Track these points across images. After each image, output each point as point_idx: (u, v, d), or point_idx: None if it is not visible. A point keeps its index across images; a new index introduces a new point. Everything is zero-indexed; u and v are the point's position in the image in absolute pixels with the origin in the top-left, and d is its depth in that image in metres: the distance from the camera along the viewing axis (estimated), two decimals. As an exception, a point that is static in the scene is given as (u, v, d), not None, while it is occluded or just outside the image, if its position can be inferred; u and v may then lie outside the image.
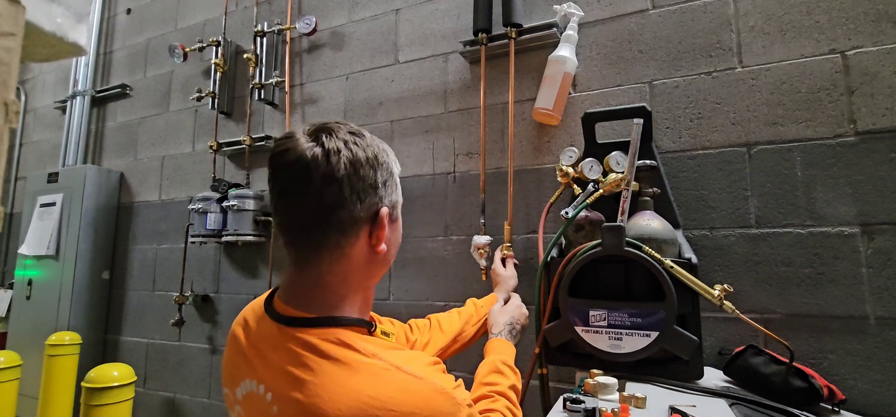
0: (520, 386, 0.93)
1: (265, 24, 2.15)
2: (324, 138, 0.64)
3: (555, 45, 1.52)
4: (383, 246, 0.69)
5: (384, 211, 0.68)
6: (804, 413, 0.91)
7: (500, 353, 0.99)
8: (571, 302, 1.05)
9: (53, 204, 2.50)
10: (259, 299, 0.74)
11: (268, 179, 0.68)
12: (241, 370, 0.68)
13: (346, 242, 0.66)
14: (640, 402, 0.82)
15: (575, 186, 1.28)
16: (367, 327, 0.68)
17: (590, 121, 1.34)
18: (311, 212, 0.64)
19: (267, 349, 0.65)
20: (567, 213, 1.17)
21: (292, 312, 0.65)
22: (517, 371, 0.96)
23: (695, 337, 0.98)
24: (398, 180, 0.75)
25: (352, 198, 0.64)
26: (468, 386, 0.76)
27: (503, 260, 1.43)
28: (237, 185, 2.08)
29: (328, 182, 0.63)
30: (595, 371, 0.94)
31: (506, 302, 1.22)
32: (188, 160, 2.36)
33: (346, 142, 0.65)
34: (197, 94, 2.23)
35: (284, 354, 0.62)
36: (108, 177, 2.55)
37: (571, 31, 1.48)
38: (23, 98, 3.18)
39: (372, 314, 0.77)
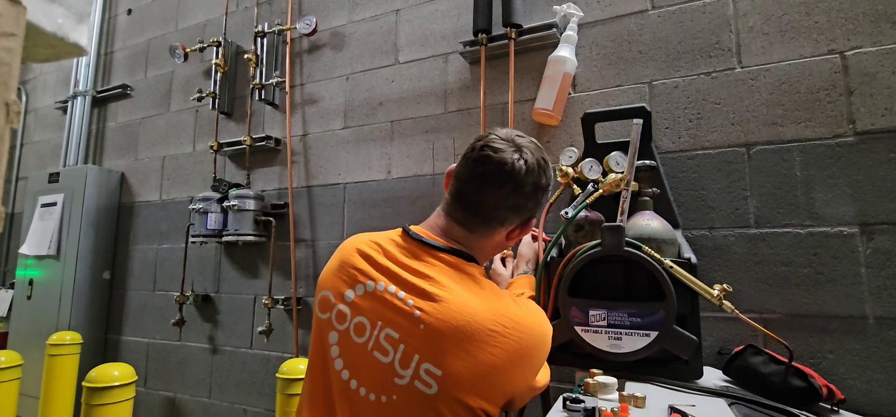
0: None
1: (265, 24, 2.15)
2: (525, 154, 0.84)
3: (555, 46, 1.52)
4: (512, 243, 0.90)
5: (532, 220, 0.89)
6: (803, 412, 0.91)
7: (526, 286, 1.16)
8: (571, 302, 1.05)
9: (54, 204, 2.51)
10: (382, 234, 0.89)
11: (467, 155, 0.87)
12: (357, 275, 0.82)
13: (499, 230, 0.86)
14: (640, 402, 0.82)
15: (575, 186, 1.28)
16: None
17: (589, 121, 1.34)
18: (489, 205, 0.83)
19: (405, 261, 0.81)
20: (567, 213, 1.18)
21: (442, 241, 0.84)
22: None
23: (694, 337, 0.98)
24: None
25: (517, 212, 0.85)
26: None
27: (503, 260, 1.42)
28: (238, 185, 2.08)
29: (514, 192, 0.82)
30: (595, 370, 0.94)
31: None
32: (189, 160, 2.36)
33: (538, 163, 0.84)
34: (197, 95, 2.24)
35: (431, 267, 0.80)
36: (108, 177, 2.55)
37: (571, 32, 1.48)
38: (24, 98, 3.18)
39: None
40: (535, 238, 1.39)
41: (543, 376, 0.87)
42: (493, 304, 0.76)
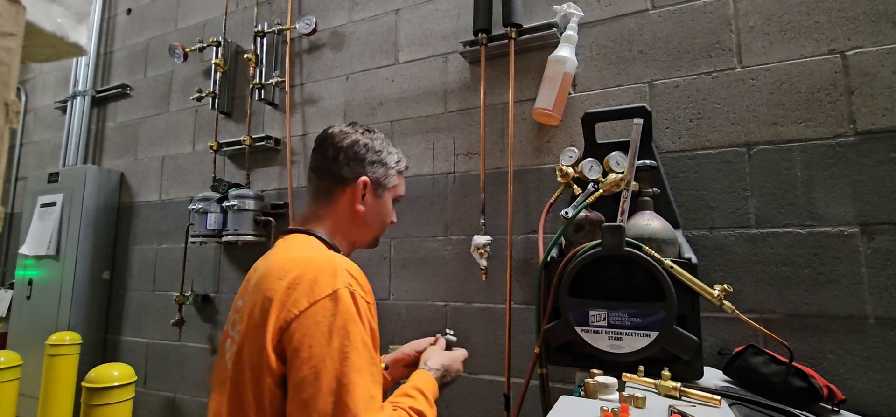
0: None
1: (265, 24, 2.15)
2: (345, 126, 0.99)
3: (555, 46, 1.52)
4: (360, 207, 0.95)
5: (364, 179, 0.95)
6: (804, 412, 0.91)
7: (420, 382, 0.89)
8: (571, 302, 1.05)
9: (54, 204, 2.50)
10: None
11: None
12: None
13: (335, 190, 0.95)
14: (640, 402, 0.82)
15: (575, 186, 1.28)
16: (330, 246, 0.93)
17: (590, 121, 1.34)
18: (318, 165, 0.97)
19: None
20: (567, 213, 1.17)
21: (295, 226, 0.96)
22: (434, 406, 0.86)
23: (695, 337, 0.98)
24: (393, 171, 1.00)
25: (343, 162, 0.95)
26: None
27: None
28: (237, 185, 2.08)
29: (333, 148, 0.95)
30: (595, 370, 0.94)
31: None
32: (188, 160, 2.36)
33: (355, 130, 0.98)
34: (197, 94, 2.23)
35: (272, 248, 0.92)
36: (108, 177, 2.55)
37: (571, 32, 1.48)
38: (23, 98, 3.18)
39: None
40: (449, 346, 1.07)
41: (357, 382, 0.71)
42: (292, 255, 0.84)
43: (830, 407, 0.98)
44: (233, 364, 0.78)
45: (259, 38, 2.15)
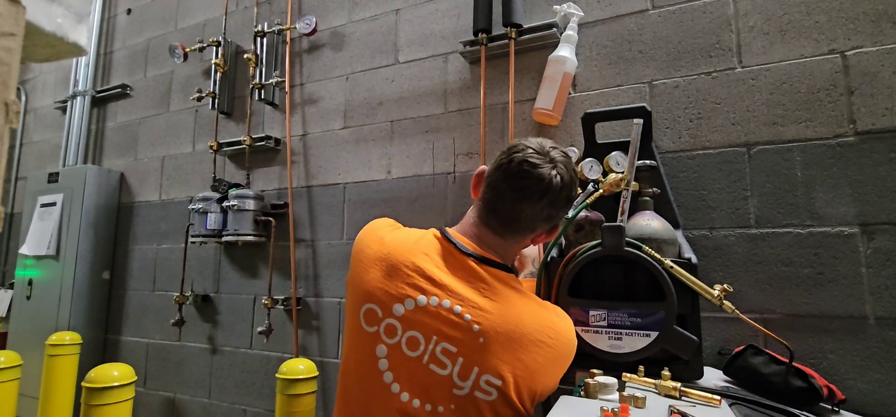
0: None
1: (265, 24, 2.15)
2: (560, 168, 0.85)
3: (555, 46, 1.52)
4: (534, 244, 0.94)
5: (557, 227, 0.93)
6: (804, 412, 0.91)
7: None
8: (571, 302, 1.05)
9: (54, 204, 2.50)
10: (422, 239, 0.90)
11: (502, 166, 0.87)
12: (408, 289, 0.83)
13: (524, 238, 0.91)
14: (640, 402, 0.81)
15: (575, 186, 1.28)
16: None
17: (590, 121, 1.34)
18: (525, 217, 0.87)
19: (459, 275, 0.84)
20: (567, 213, 1.17)
21: (487, 255, 0.87)
22: None
23: (695, 337, 0.98)
24: None
25: (549, 221, 0.89)
26: None
27: None
28: (237, 185, 2.08)
29: (549, 205, 0.86)
30: (595, 370, 0.94)
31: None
32: (188, 160, 2.36)
33: (572, 180, 0.88)
34: (197, 94, 2.23)
35: (482, 282, 0.83)
36: (108, 177, 2.55)
37: (571, 32, 1.48)
38: (23, 98, 3.18)
39: None
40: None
41: None
42: (538, 314, 0.83)
43: (830, 407, 0.98)
44: (468, 413, 0.79)
45: (259, 38, 2.15)
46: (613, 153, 1.23)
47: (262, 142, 2.08)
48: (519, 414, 0.81)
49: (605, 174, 1.24)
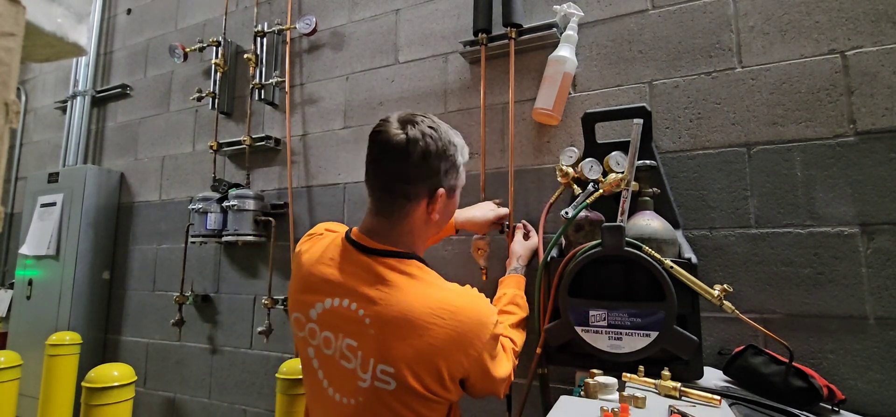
0: (526, 311, 1.21)
1: (265, 24, 2.15)
2: (408, 128, 0.87)
3: (555, 46, 1.52)
4: (436, 216, 0.93)
5: (441, 191, 0.91)
6: (804, 412, 0.91)
7: (515, 286, 1.24)
8: (571, 302, 1.05)
9: (54, 204, 2.50)
10: (331, 242, 0.96)
11: (367, 150, 0.91)
12: (316, 296, 0.90)
13: (409, 206, 0.90)
14: (640, 402, 0.82)
15: (575, 186, 1.28)
16: (424, 263, 0.93)
17: (590, 121, 1.34)
18: (390, 180, 0.89)
19: (353, 273, 0.88)
20: (567, 213, 1.17)
21: (377, 245, 0.90)
22: (525, 299, 1.23)
23: (695, 337, 0.98)
24: (461, 168, 0.97)
25: (418, 178, 0.89)
26: None
27: (526, 235, 1.43)
28: (237, 185, 2.08)
29: (404, 161, 0.87)
30: (595, 370, 0.94)
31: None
32: (188, 160, 2.36)
33: (423, 135, 0.87)
34: (197, 94, 2.23)
35: (372, 274, 0.86)
36: (108, 177, 2.55)
37: (571, 32, 1.48)
38: (23, 98, 3.18)
39: None
40: (527, 236, 1.40)
41: (501, 367, 0.94)
42: (429, 296, 0.84)
43: (830, 407, 0.98)
44: (372, 404, 0.83)
45: (259, 38, 2.15)
46: (613, 153, 1.23)
47: (262, 142, 2.08)
48: (430, 399, 0.83)
49: (605, 174, 1.24)
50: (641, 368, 0.94)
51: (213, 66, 2.21)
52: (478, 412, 1.56)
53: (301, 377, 1.62)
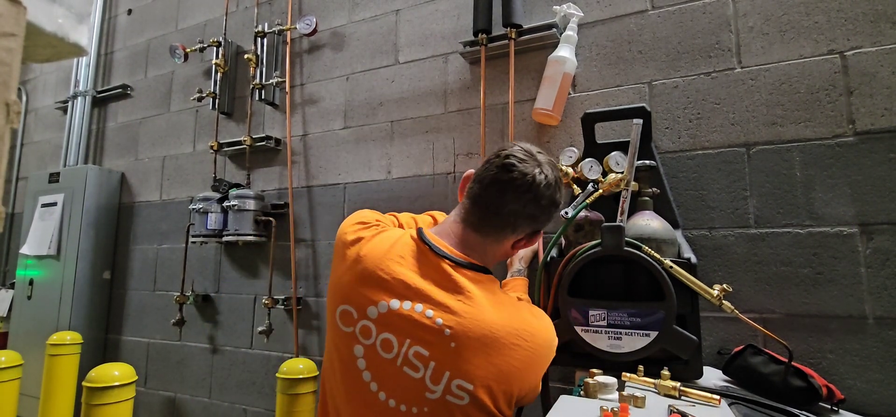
0: None
1: (266, 24, 2.15)
2: (546, 171, 0.88)
3: (554, 46, 1.52)
4: (520, 250, 0.97)
5: (541, 233, 0.95)
6: (803, 412, 0.92)
7: (521, 288, 1.22)
8: (571, 302, 1.06)
9: (54, 204, 2.51)
10: (399, 241, 0.90)
11: (491, 161, 0.90)
12: (382, 294, 0.84)
13: (511, 236, 0.91)
14: (640, 402, 0.82)
15: (575, 186, 1.28)
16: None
17: (589, 121, 1.34)
18: (511, 211, 0.88)
19: (431, 277, 0.84)
20: (567, 213, 1.18)
21: (458, 255, 0.87)
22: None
23: (694, 337, 0.98)
24: None
25: (531, 222, 0.90)
26: None
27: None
28: (238, 185, 2.08)
29: (532, 204, 0.87)
30: (595, 370, 0.94)
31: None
32: (189, 160, 2.36)
33: (556, 181, 0.89)
34: (198, 95, 2.24)
35: (452, 283, 0.84)
36: (109, 177, 2.55)
37: (571, 32, 1.48)
38: (24, 98, 3.18)
39: None
40: None
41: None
42: (511, 316, 0.83)
43: (830, 407, 0.98)
44: (445, 411, 0.80)
45: (259, 39, 2.15)
46: (613, 153, 1.23)
47: (263, 143, 2.08)
48: (493, 411, 0.81)
49: (604, 174, 1.24)
50: (641, 368, 0.95)
51: (214, 66, 2.22)
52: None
53: (301, 377, 1.63)
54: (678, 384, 0.87)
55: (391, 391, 0.82)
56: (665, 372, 0.89)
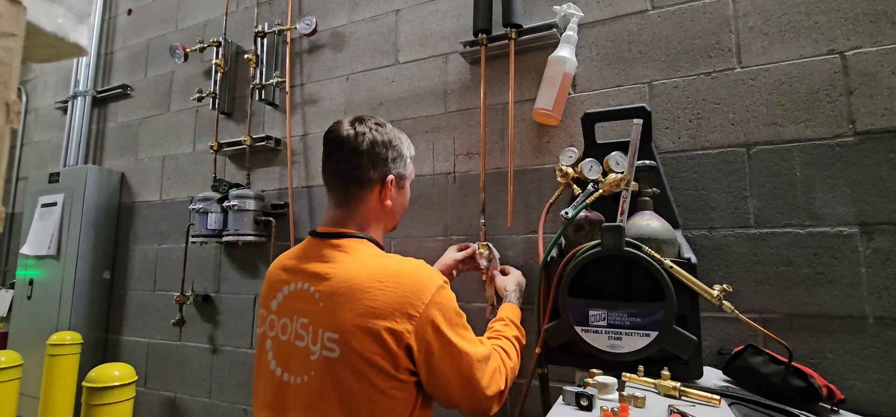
0: (522, 339, 1.19)
1: (266, 24, 2.15)
2: (356, 124, 1.00)
3: (555, 46, 1.52)
4: (389, 202, 1.02)
5: (390, 178, 1.01)
6: (803, 412, 0.92)
7: (509, 313, 1.24)
8: (571, 302, 1.06)
9: (54, 204, 2.51)
10: (302, 244, 1.04)
11: (322, 150, 1.02)
12: (278, 286, 0.98)
13: (363, 193, 1.00)
14: (640, 402, 0.82)
15: (575, 186, 1.28)
16: (379, 247, 1.00)
17: (589, 121, 1.34)
18: (343, 170, 0.99)
19: (308, 259, 0.96)
20: (567, 213, 1.18)
21: (331, 230, 0.99)
22: (521, 328, 1.21)
23: (694, 337, 0.98)
24: (409, 160, 1.08)
25: (367, 165, 0.99)
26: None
27: (503, 272, 1.48)
28: (238, 185, 2.08)
29: (355, 154, 0.98)
30: (595, 370, 0.94)
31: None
32: (189, 160, 2.36)
33: (370, 128, 1.00)
34: (198, 95, 2.24)
35: (322, 254, 0.94)
36: (108, 177, 2.55)
37: (571, 32, 1.48)
38: (24, 98, 3.18)
39: None
40: (505, 273, 1.46)
41: (484, 365, 0.94)
42: (372, 264, 0.90)
43: (830, 407, 0.98)
44: (321, 375, 0.85)
45: (259, 39, 2.15)
46: (613, 153, 1.23)
47: (263, 143, 2.08)
48: (380, 368, 0.83)
49: (604, 174, 1.24)
50: (641, 368, 0.95)
51: (214, 66, 2.22)
52: (478, 412, 1.56)
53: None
54: (678, 384, 0.87)
55: (286, 366, 0.90)
56: (665, 372, 0.89)
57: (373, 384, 0.83)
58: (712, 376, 1.11)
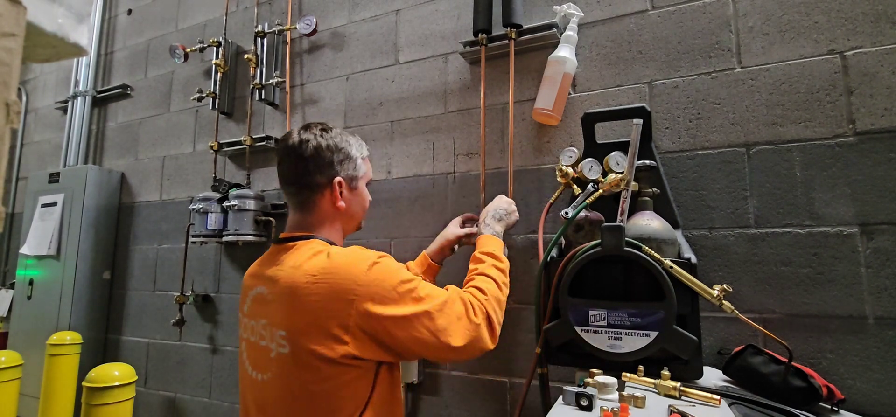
0: (500, 264, 1.14)
1: (266, 24, 2.15)
2: (302, 132, 1.04)
3: (555, 46, 1.52)
4: (341, 204, 1.05)
5: (338, 180, 1.04)
6: (803, 412, 0.92)
7: (483, 246, 1.19)
8: (571, 302, 1.06)
9: (54, 204, 2.51)
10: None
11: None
12: (247, 291, 1.04)
13: (315, 197, 1.04)
14: (640, 402, 0.82)
15: (575, 186, 1.28)
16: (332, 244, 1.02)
17: (589, 121, 1.34)
18: (293, 176, 1.04)
19: (268, 264, 1.01)
20: (567, 213, 1.18)
21: (288, 235, 1.03)
22: (498, 255, 1.16)
23: (694, 337, 0.98)
24: (359, 161, 1.10)
25: (313, 170, 1.02)
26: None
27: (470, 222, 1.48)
28: (238, 185, 2.08)
29: (300, 161, 1.02)
30: (595, 370, 0.94)
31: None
32: (189, 160, 2.36)
33: (314, 135, 1.03)
34: (198, 95, 2.24)
35: (276, 258, 1.00)
36: (109, 177, 2.55)
37: (571, 32, 1.48)
38: (24, 98, 3.18)
39: None
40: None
41: (441, 315, 0.93)
42: (310, 263, 0.92)
43: (830, 407, 0.98)
44: (278, 372, 0.91)
45: (259, 39, 2.15)
46: (613, 153, 1.23)
47: (263, 143, 2.08)
48: (333, 360, 0.86)
49: (604, 174, 1.24)
50: (641, 368, 0.95)
51: (214, 66, 2.22)
52: (477, 410, 1.56)
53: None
54: (678, 384, 0.87)
55: (256, 365, 0.96)
56: (665, 372, 0.89)
57: (323, 375, 0.87)
58: (712, 376, 1.11)
